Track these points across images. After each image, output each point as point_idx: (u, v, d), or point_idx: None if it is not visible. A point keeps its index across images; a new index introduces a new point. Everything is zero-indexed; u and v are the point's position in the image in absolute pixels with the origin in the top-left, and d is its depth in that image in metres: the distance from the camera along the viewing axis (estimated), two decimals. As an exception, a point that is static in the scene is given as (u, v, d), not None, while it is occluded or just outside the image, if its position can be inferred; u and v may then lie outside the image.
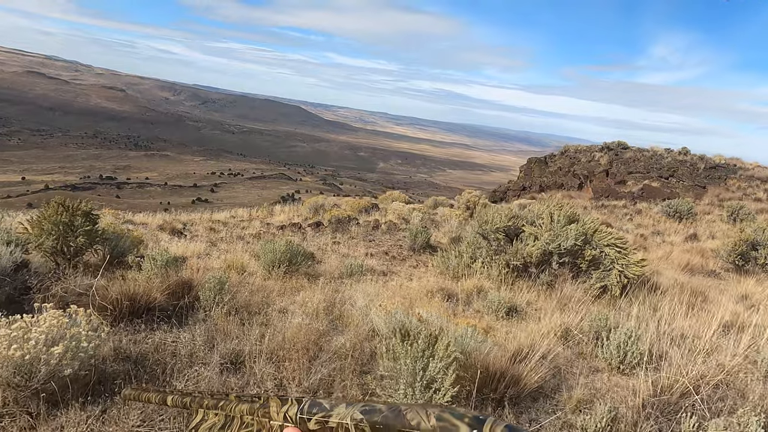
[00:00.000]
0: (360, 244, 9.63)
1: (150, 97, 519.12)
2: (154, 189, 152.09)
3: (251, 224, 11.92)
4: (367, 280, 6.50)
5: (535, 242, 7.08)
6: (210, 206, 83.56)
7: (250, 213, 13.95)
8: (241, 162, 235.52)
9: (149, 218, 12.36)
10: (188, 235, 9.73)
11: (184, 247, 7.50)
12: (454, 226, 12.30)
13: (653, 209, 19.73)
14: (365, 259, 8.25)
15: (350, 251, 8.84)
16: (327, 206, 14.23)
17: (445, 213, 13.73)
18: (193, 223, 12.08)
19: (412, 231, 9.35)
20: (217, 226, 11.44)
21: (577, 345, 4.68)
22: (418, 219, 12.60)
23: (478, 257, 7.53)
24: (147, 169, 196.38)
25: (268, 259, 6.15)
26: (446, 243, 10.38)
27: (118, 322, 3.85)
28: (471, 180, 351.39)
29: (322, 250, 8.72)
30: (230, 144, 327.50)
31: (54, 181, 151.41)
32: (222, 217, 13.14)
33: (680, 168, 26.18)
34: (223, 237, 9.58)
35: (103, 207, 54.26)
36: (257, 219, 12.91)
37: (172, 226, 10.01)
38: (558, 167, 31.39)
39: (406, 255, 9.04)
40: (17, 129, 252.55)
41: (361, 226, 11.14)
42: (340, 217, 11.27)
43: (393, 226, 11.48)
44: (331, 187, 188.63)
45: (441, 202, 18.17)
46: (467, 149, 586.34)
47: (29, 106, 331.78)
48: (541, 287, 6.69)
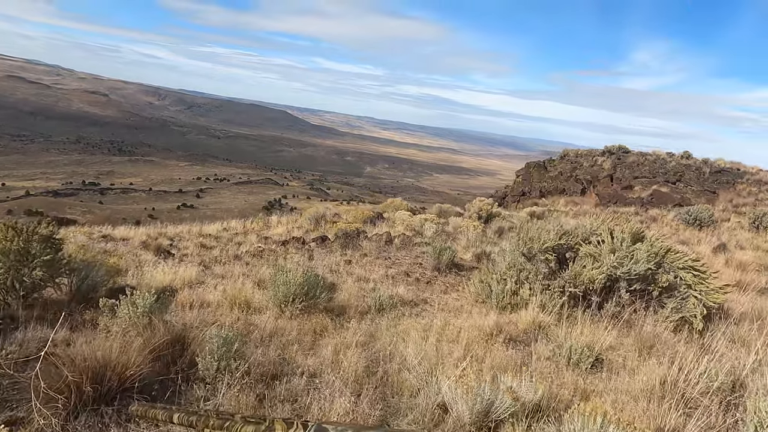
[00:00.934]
0: (375, 263, 8.40)
1: (134, 102, 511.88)
2: (138, 195, 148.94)
3: (247, 238, 10.63)
4: (402, 316, 5.29)
5: (595, 265, 5.94)
6: (196, 212, 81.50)
7: (244, 225, 12.64)
8: (227, 167, 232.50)
9: (132, 232, 10.99)
10: (176, 253, 8.42)
11: (172, 273, 6.20)
12: (473, 239, 11.14)
13: (668, 216, 18.83)
14: (386, 283, 7.03)
15: (366, 273, 7.61)
16: (328, 216, 12.98)
17: (458, 223, 12.59)
18: (182, 237, 10.75)
19: (435, 248, 8.15)
20: (208, 241, 10.13)
21: (706, 416, 3.52)
22: (432, 231, 11.42)
23: (524, 282, 6.36)
24: (131, 174, 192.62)
25: (281, 292, 4.90)
26: (470, 259, 9.21)
27: (74, 414, 2.58)
28: (457, 184, 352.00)
29: (335, 273, 7.47)
30: (216, 149, 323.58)
31: (35, 187, 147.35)
32: (213, 230, 11.82)
33: (686, 172, 25.46)
34: (217, 256, 8.27)
35: (85, 213, 52.29)
36: (253, 232, 11.61)
37: (158, 244, 8.68)
38: (559, 172, 30.54)
39: (430, 276, 7.84)
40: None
41: (372, 240, 9.92)
42: (347, 231, 10.03)
43: (407, 240, 10.28)
44: (318, 192, 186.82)
45: (447, 211, 17.03)
46: (454, 154, 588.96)
47: (9, 111, 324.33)
48: (608, 320, 5.54)
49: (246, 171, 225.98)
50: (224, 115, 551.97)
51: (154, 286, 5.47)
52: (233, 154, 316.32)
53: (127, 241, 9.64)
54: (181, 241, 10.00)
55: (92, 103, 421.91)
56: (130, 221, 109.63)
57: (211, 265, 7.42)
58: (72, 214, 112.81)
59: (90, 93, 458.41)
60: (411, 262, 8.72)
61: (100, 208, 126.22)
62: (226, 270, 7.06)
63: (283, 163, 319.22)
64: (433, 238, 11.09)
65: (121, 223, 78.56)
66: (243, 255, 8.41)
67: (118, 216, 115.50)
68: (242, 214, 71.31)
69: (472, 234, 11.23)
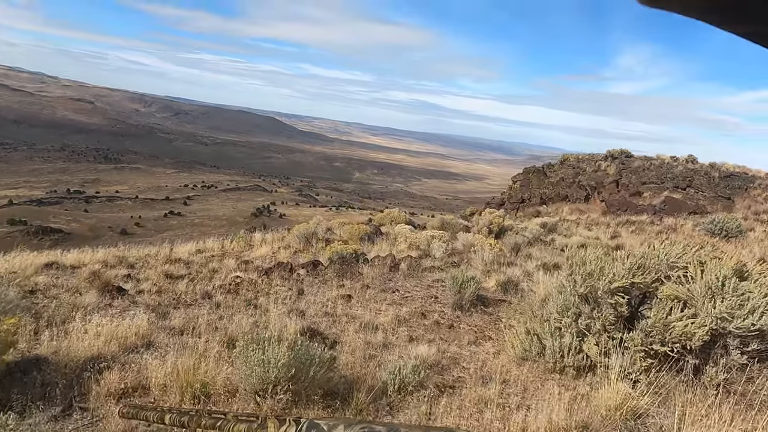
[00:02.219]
0: (381, 297, 6.76)
1: (120, 109, 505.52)
2: (124, 203, 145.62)
3: (224, 263, 8.92)
4: (435, 400, 3.65)
5: (687, 312, 4.36)
6: (183, 219, 79.32)
7: (222, 245, 10.91)
8: (214, 174, 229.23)
9: (87, 256, 9.22)
10: (131, 289, 6.69)
11: (112, 327, 4.51)
12: (489, 259, 9.55)
13: (686, 225, 17.47)
14: (399, 332, 5.40)
15: (372, 314, 5.97)
16: (320, 233, 11.31)
17: (468, 240, 11.00)
18: (146, 262, 9.00)
19: (455, 279, 6.54)
20: (177, 268, 8.40)
21: None
22: (442, 251, 9.80)
23: (586, 333, 4.77)
24: (117, 182, 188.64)
25: (256, 376, 3.23)
26: (494, 289, 7.61)
27: None
28: (446, 189, 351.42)
29: (331, 316, 5.81)
30: (203, 156, 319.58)
31: (18, 196, 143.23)
32: (186, 252, 10.08)
33: (695, 177, 24.20)
34: (182, 294, 6.56)
35: (70, 222, 49.80)
36: (232, 255, 9.89)
37: (108, 277, 6.94)
38: (560, 178, 29.15)
39: (451, 317, 6.22)
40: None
41: (374, 265, 8.28)
42: (344, 254, 8.38)
43: (414, 264, 8.66)
44: (307, 198, 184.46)
45: (451, 223, 15.43)
46: (443, 159, 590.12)
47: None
48: (715, 393, 3.96)
49: (234, 178, 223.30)
50: (211, 122, 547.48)
51: (74, 357, 3.78)
52: (221, 160, 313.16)
53: (75, 271, 7.88)
54: (143, 269, 8.26)
55: (77, 111, 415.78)
56: (115, 229, 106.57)
57: (170, 309, 5.71)
58: (56, 222, 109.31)
59: (75, 100, 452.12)
60: (424, 295, 7.09)
61: (85, 216, 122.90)
62: (189, 318, 5.36)
63: (271, 169, 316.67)
64: (444, 260, 9.48)
65: (107, 231, 76.63)
66: (215, 291, 6.71)
67: (104, 224, 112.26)
68: (230, 221, 69.59)
69: (488, 253, 9.63)
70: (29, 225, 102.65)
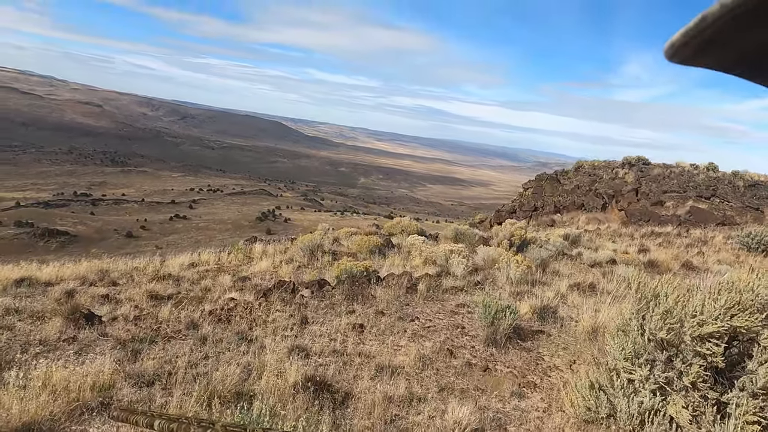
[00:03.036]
0: (398, 327, 5.73)
1: (127, 113, 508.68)
2: (130, 206, 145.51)
3: (218, 281, 7.91)
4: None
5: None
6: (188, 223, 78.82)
7: (219, 257, 9.91)
8: (220, 178, 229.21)
9: (67, 270, 8.26)
10: (105, 315, 5.70)
11: (62, 377, 3.51)
12: (516, 278, 8.51)
13: (716, 238, 16.33)
14: (425, 378, 4.37)
15: (389, 351, 4.94)
16: (326, 245, 10.29)
17: (489, 254, 9.95)
18: (131, 278, 8.02)
19: (488, 308, 5.50)
20: (164, 287, 7.41)
21: None
22: (462, 267, 8.75)
23: (665, 388, 3.72)
24: (123, 185, 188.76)
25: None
26: (528, 316, 6.55)
27: None
28: (451, 195, 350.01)
29: (340, 355, 4.79)
30: (210, 160, 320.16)
31: (26, 198, 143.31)
32: (178, 265, 9.08)
33: (719, 186, 23.03)
34: (164, 321, 5.56)
35: (76, 224, 49.25)
36: (228, 270, 8.88)
37: (78, 304, 5.95)
38: (575, 185, 28.02)
39: (484, 355, 5.17)
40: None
41: (388, 285, 7.25)
42: (353, 272, 7.36)
43: (433, 283, 7.62)
44: (312, 203, 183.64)
45: (465, 233, 14.38)
46: (448, 164, 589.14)
47: (1, 122, 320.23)
48: None
49: (240, 182, 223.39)
50: (218, 126, 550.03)
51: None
52: (227, 164, 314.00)
53: (48, 289, 6.91)
54: (127, 287, 7.27)
55: (85, 114, 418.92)
56: (121, 232, 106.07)
57: (144, 345, 4.69)
58: (63, 225, 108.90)
59: (83, 104, 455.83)
60: (448, 324, 6.05)
61: (91, 219, 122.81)
62: (166, 359, 4.35)
63: (277, 173, 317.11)
64: (466, 278, 8.43)
65: (113, 234, 75.90)
66: (203, 318, 5.69)
67: (110, 227, 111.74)
68: (235, 225, 69.00)
69: (515, 271, 8.58)
70: (36, 227, 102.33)
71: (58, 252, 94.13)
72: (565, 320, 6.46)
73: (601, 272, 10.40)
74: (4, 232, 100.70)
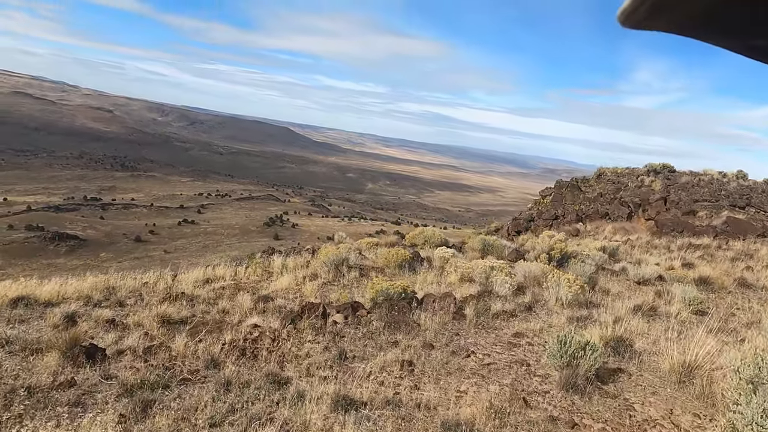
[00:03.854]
0: (452, 364, 4.84)
1: (138, 118, 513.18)
2: (139, 210, 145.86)
3: (237, 301, 7.06)
4: None
5: None
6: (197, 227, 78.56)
7: (235, 272, 9.06)
8: (229, 183, 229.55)
9: (71, 287, 7.46)
10: (109, 347, 4.86)
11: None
12: (568, 299, 7.58)
13: (761, 251, 15.27)
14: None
15: (449, 399, 4.04)
16: (352, 260, 9.41)
17: (531, 271, 9.02)
18: (140, 298, 7.19)
19: (564, 345, 4.59)
20: (177, 308, 6.57)
21: None
22: (507, 287, 7.84)
23: None
24: (133, 190, 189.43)
25: None
26: (602, 349, 5.62)
27: None
28: (459, 201, 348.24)
29: (395, 406, 3.89)
30: (218, 165, 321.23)
31: (37, 202, 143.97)
32: (191, 281, 8.25)
33: (753, 195, 21.93)
34: (178, 358, 4.70)
35: (86, 228, 48.97)
36: (246, 288, 8.03)
37: (78, 334, 5.10)
38: (598, 193, 26.98)
39: (565, 404, 4.26)
40: (0, 149, 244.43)
41: (431, 310, 6.36)
42: (389, 293, 6.48)
43: (480, 305, 6.72)
44: (320, 208, 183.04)
45: (493, 245, 13.46)
46: (456, 171, 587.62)
47: (14, 127, 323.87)
48: None
49: (248, 187, 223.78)
50: (227, 132, 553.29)
51: None
52: (235, 170, 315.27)
53: (47, 311, 6.09)
54: (135, 309, 6.44)
55: (96, 119, 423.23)
56: (130, 237, 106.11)
57: (156, 394, 3.83)
58: (73, 229, 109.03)
59: (94, 109, 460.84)
60: (509, 359, 5.14)
61: (101, 223, 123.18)
62: (182, 415, 3.48)
63: (285, 179, 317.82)
64: (513, 300, 7.51)
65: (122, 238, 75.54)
66: (225, 352, 4.83)
67: (119, 231, 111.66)
68: (243, 230, 68.57)
69: (566, 291, 7.64)
70: (46, 231, 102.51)
71: (67, 256, 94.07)
72: (643, 354, 5.53)
73: (653, 291, 9.42)
74: (15, 236, 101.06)
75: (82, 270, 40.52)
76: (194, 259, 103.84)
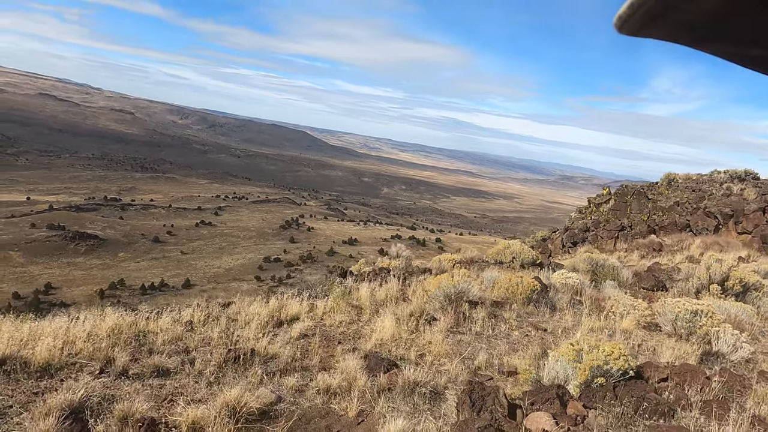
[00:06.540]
0: None
1: (158, 121, 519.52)
2: (158, 211, 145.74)
3: (339, 369, 4.43)
4: None
5: None
6: (214, 229, 77.06)
7: (312, 306, 6.43)
8: (246, 185, 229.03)
9: (82, 331, 4.91)
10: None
11: None
12: None
13: None
14: None
15: None
16: (474, 292, 6.73)
17: (735, 314, 6.25)
18: (186, 353, 4.64)
19: None
20: (252, 383, 3.98)
21: None
22: (734, 343, 5.11)
23: None
24: (152, 191, 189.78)
25: None
26: None
27: None
28: (474, 207, 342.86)
29: None
30: (236, 167, 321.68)
31: (59, 201, 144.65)
32: (255, 322, 5.63)
33: None
34: None
35: (105, 228, 46.98)
36: (335, 335, 5.40)
37: None
38: (674, 202, 23.94)
39: None
40: (26, 149, 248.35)
41: (686, 403, 3.64)
42: (609, 371, 3.78)
43: (723, 389, 4.00)
44: (335, 212, 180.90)
45: (606, 266, 10.66)
46: (472, 176, 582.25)
47: (39, 128, 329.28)
48: None
49: (264, 190, 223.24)
50: (245, 135, 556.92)
51: None
52: (253, 172, 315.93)
53: (43, 392, 3.56)
54: (184, 388, 3.89)
55: (118, 121, 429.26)
56: (148, 237, 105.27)
57: None
58: (93, 228, 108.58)
59: (117, 111, 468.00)
60: None
61: (120, 223, 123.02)
62: None
63: (301, 182, 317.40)
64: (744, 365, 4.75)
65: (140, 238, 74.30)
66: None
67: (138, 231, 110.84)
68: (259, 233, 66.39)
69: None
70: (67, 230, 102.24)
71: (87, 255, 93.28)
72: None
73: None
74: (37, 234, 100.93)
75: (100, 269, 38.18)
76: (211, 261, 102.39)
